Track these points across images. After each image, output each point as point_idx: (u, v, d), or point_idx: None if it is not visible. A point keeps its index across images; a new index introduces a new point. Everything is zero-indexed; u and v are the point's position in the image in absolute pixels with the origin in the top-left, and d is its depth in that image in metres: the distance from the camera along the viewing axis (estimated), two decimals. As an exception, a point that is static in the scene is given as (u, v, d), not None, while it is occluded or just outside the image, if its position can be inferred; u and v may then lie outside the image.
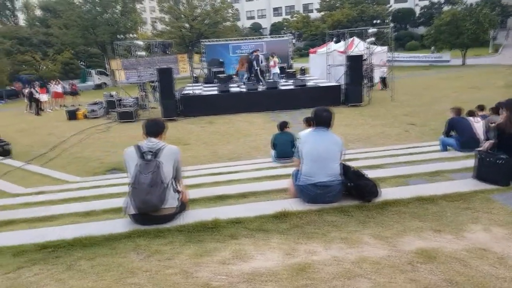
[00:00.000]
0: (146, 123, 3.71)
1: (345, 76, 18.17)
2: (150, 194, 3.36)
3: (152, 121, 3.74)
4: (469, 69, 32.52)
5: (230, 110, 17.12)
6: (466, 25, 32.98)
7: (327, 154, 3.71)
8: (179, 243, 3.20)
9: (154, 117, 3.82)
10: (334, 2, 51.48)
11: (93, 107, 18.90)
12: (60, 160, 12.06)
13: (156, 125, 3.71)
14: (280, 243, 3.13)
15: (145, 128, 3.70)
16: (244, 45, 23.17)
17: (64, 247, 3.19)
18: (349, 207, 3.70)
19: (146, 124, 3.72)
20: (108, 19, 34.58)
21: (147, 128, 3.69)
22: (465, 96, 19.17)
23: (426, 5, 53.69)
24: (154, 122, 3.73)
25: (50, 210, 4.93)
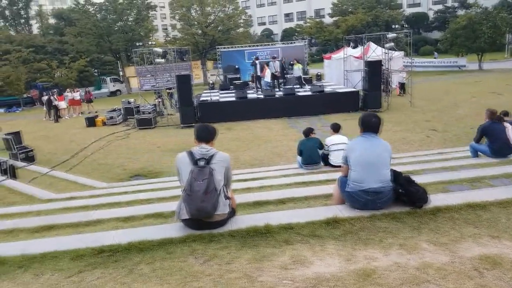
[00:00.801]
0: (197, 129, 3.72)
1: (363, 81, 18.12)
2: (205, 201, 3.36)
3: (203, 127, 3.73)
4: (486, 74, 32.17)
5: (247, 116, 17.18)
6: (482, 29, 32.65)
7: (378, 160, 3.69)
8: (235, 248, 3.20)
9: (204, 123, 3.80)
10: (346, 7, 51.46)
11: (112, 114, 19.12)
12: (83, 166, 12.21)
13: (208, 131, 3.69)
14: (337, 249, 3.11)
15: (197, 134, 3.69)
16: (259, 51, 23.28)
17: (121, 251, 3.22)
18: (400, 213, 3.67)
19: (197, 130, 3.72)
20: (122, 26, 35.06)
21: (198, 134, 3.68)
22: (485, 102, 18.93)
23: (440, 9, 53.40)
24: (206, 128, 3.72)
25: (91, 215, 4.99)
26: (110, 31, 34.31)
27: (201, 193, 3.36)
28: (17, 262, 3.13)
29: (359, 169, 3.70)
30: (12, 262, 3.14)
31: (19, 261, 3.15)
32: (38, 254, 3.22)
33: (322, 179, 6.74)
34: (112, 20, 34.51)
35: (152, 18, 39.54)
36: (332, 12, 53.84)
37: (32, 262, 3.14)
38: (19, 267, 3.08)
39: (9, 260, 3.17)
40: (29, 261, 3.15)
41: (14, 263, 3.13)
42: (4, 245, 3.52)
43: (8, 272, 3.01)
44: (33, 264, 3.11)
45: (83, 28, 34.09)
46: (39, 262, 3.13)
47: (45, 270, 3.01)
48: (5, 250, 3.34)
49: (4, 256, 3.20)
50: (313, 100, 17.71)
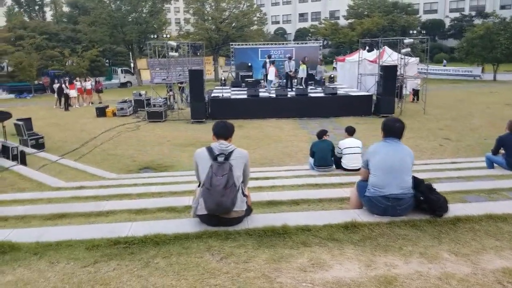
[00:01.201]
0: (216, 126, 3.69)
1: (378, 86, 17.96)
2: (224, 196, 3.34)
3: (221, 123, 3.71)
4: (501, 84, 31.79)
5: (258, 115, 17.12)
6: (500, 39, 32.25)
7: (400, 166, 3.62)
8: (252, 247, 3.15)
9: (222, 120, 3.76)
10: (362, 10, 51.09)
11: (122, 105, 19.17)
12: (92, 156, 12.26)
13: (226, 128, 3.68)
14: (356, 254, 3.05)
15: (215, 130, 3.67)
16: (273, 49, 23.19)
17: (137, 244, 3.18)
18: (420, 221, 3.59)
19: (216, 127, 3.69)
20: (137, 18, 35.10)
21: (217, 130, 3.66)
22: (501, 113, 18.71)
23: (457, 17, 52.85)
24: (224, 125, 3.69)
25: (103, 206, 4.97)
26: (124, 22, 34.34)
27: (220, 188, 3.33)
28: (32, 249, 3.11)
29: (380, 174, 3.63)
30: (27, 248, 3.12)
31: (34, 248, 3.13)
32: (53, 242, 3.20)
33: (335, 182, 6.68)
34: (126, 11, 34.54)
35: (166, 11, 39.47)
36: (347, 15, 53.55)
37: (47, 250, 3.11)
38: (34, 253, 3.06)
39: (24, 246, 3.14)
40: (44, 249, 3.12)
41: (29, 249, 3.11)
42: (19, 231, 3.51)
43: (23, 259, 2.99)
44: (48, 252, 3.08)
45: (97, 18, 34.16)
46: (54, 250, 3.11)
47: (61, 258, 2.99)
48: (20, 236, 3.32)
49: (19, 243, 3.18)
50: (325, 102, 17.61)
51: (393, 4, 51.65)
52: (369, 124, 16.03)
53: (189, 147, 13.08)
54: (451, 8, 56.65)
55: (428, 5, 58.42)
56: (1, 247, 3.10)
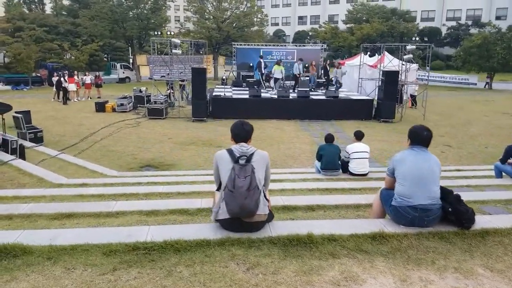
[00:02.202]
0: (235, 130, 3.54)
1: (379, 90, 17.91)
2: (248, 198, 3.21)
3: (240, 127, 3.55)
4: (496, 93, 32.02)
5: (259, 115, 16.93)
6: (496, 49, 32.49)
7: (429, 175, 3.49)
8: (278, 257, 3.00)
9: (240, 120, 3.61)
10: (361, 15, 51.24)
11: (122, 101, 18.91)
12: (92, 152, 12.02)
13: (246, 131, 3.55)
14: (388, 267, 2.92)
15: (235, 134, 3.54)
16: (275, 51, 23.07)
17: (157, 250, 3.02)
18: (448, 233, 3.47)
19: (235, 130, 3.55)
20: (138, 14, 34.79)
21: (237, 134, 3.53)
22: (499, 122, 18.79)
23: (453, 25, 53.17)
24: (243, 129, 3.54)
25: (112, 206, 4.79)
26: (125, 17, 34.01)
27: (244, 190, 3.21)
28: (46, 253, 2.92)
29: (408, 183, 3.50)
30: (40, 252, 2.93)
31: (47, 251, 2.95)
32: (67, 246, 3.02)
33: (346, 187, 6.55)
34: (128, 6, 34.22)
35: (166, 8, 39.16)
36: (346, 19, 53.65)
37: (61, 254, 2.93)
38: (48, 258, 2.88)
39: (36, 250, 2.96)
40: (58, 253, 2.94)
41: (42, 253, 2.93)
42: (30, 233, 3.31)
43: (36, 264, 2.81)
44: (62, 257, 2.90)
45: (98, 12, 33.80)
46: (69, 255, 2.93)
47: (77, 264, 2.81)
48: (31, 238, 3.13)
49: (31, 246, 2.99)
50: (326, 105, 17.51)
51: (392, 11, 51.85)
52: (370, 129, 15.96)
53: (191, 146, 12.91)
54: (448, 16, 56.97)
55: (425, 13, 58.70)
56: (12, 250, 2.91)
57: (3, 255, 2.87)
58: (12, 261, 2.83)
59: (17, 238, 3.13)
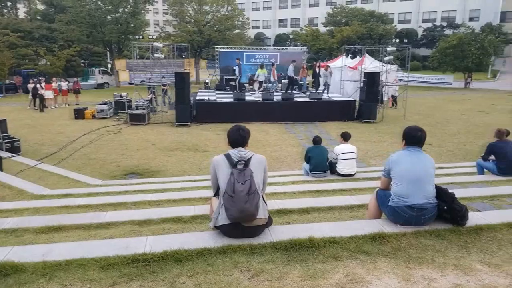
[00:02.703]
0: (232, 135, 3.53)
1: (361, 92, 18.15)
2: (248, 202, 3.19)
3: (237, 133, 3.53)
4: (472, 92, 32.91)
5: (244, 118, 16.87)
6: (471, 49, 33.43)
7: (424, 175, 3.54)
8: (281, 262, 2.97)
9: (237, 125, 3.58)
10: (340, 18, 51.92)
11: (102, 107, 18.55)
12: (73, 160, 11.73)
13: (243, 137, 3.55)
14: (391, 267, 2.93)
15: (232, 140, 3.52)
16: (258, 54, 23.10)
17: (157, 261, 2.94)
18: (444, 231, 3.52)
19: (232, 136, 3.53)
20: (117, 18, 34.21)
21: (234, 140, 3.52)
22: (475, 119, 19.30)
23: (429, 27, 54.44)
24: (239, 135, 3.53)
25: (102, 217, 4.66)
26: (103, 21, 33.38)
27: (244, 194, 3.19)
28: (39, 270, 2.80)
29: (404, 184, 3.53)
30: (33, 269, 2.81)
31: (41, 268, 2.82)
32: (62, 261, 2.90)
33: (336, 188, 6.58)
34: (107, 10, 33.60)
35: (145, 12, 38.64)
36: (326, 22, 54.26)
37: (56, 270, 2.81)
38: (42, 275, 2.75)
39: (29, 267, 2.83)
40: (52, 269, 2.82)
41: (35, 270, 2.80)
42: (20, 249, 3.16)
43: (30, 282, 2.67)
44: (57, 273, 2.79)
45: (75, 16, 33.07)
46: (65, 271, 2.82)
47: (74, 280, 2.70)
48: (23, 254, 2.99)
49: (23, 263, 2.86)
50: (310, 107, 17.63)
51: (370, 13, 52.74)
52: (353, 129, 16.12)
53: (175, 152, 12.76)
54: (424, 18, 58.31)
55: (402, 15, 59.95)
56: (2, 268, 2.76)
57: (-7, 273, 2.74)
58: (3, 280, 2.70)
59: (7, 255, 2.99)
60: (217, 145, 13.57)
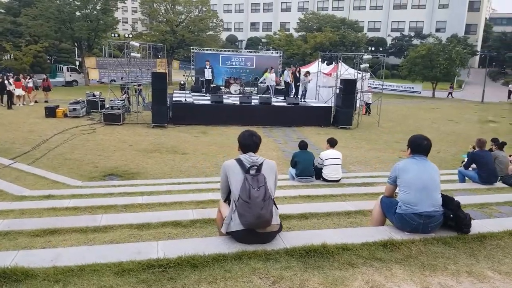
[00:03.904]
0: (244, 140, 3.48)
1: (337, 98, 18.47)
2: (264, 208, 3.15)
3: (250, 136, 3.49)
4: (439, 101, 34.26)
5: (221, 121, 16.87)
6: (439, 59, 34.83)
7: (431, 183, 3.62)
8: (299, 269, 2.95)
9: (248, 130, 3.55)
10: (312, 24, 52.78)
11: (75, 106, 17.92)
12: (47, 160, 11.26)
13: (255, 143, 3.49)
14: (408, 274, 2.97)
15: (244, 144, 3.48)
16: (234, 57, 23.07)
17: (173, 267, 2.84)
18: (450, 238, 3.60)
19: (244, 141, 3.48)
20: (88, 14, 33.11)
21: (246, 144, 3.47)
22: (446, 128, 20.10)
23: (398, 36, 56.29)
24: (252, 140, 3.48)
25: (98, 220, 4.48)
26: (73, 17, 32.23)
27: (260, 200, 3.14)
28: (51, 276, 2.64)
29: (413, 192, 3.59)
30: (44, 275, 2.65)
31: (52, 274, 2.66)
32: (74, 267, 2.75)
33: (326, 194, 6.64)
34: (76, 6, 32.46)
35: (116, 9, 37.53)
36: (298, 27, 55.00)
37: (69, 276, 2.67)
38: (55, 281, 2.60)
39: (40, 272, 2.67)
40: (65, 275, 2.67)
41: (47, 276, 2.64)
42: (27, 253, 2.98)
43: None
44: (71, 279, 2.64)
45: (44, 11, 31.75)
46: (78, 277, 2.67)
47: (89, 287, 2.58)
48: (31, 260, 2.81)
49: (33, 268, 2.69)
50: (287, 112, 17.77)
51: (341, 21, 53.95)
52: (330, 135, 16.15)
53: (154, 153, 12.50)
54: (393, 28, 60.24)
55: (372, 24, 61.69)
56: (13, 274, 2.60)
57: (3, 280, 2.56)
58: (14, 286, 2.54)
59: (14, 260, 2.81)
60: (196, 147, 13.42)
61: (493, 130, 19.74)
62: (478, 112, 27.45)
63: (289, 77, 19.08)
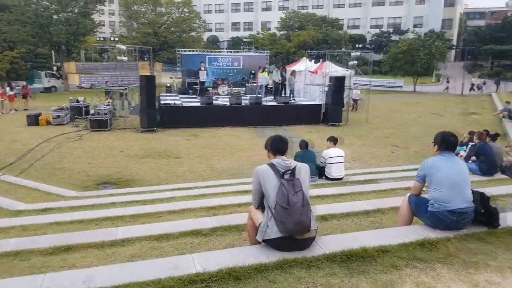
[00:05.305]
0: (275, 142, 3.45)
1: (326, 96, 18.51)
2: (303, 214, 3.05)
3: (279, 139, 3.48)
4: (421, 95, 34.82)
5: (212, 123, 16.66)
6: (420, 55, 35.40)
7: (462, 180, 3.58)
8: (344, 275, 2.85)
9: (276, 135, 3.46)
10: (293, 22, 52.95)
11: (59, 113, 17.37)
12: (35, 171, 10.84)
13: (285, 143, 3.48)
14: (454, 273, 2.90)
15: (275, 146, 3.43)
16: (221, 57, 22.87)
17: (216, 281, 2.70)
18: (482, 233, 3.57)
19: (275, 143, 3.45)
20: (67, 18, 32.18)
21: (277, 146, 3.43)
22: (432, 121, 20.37)
23: (377, 33, 57.03)
24: (282, 140, 3.48)
25: (114, 233, 4.27)
26: (51, 21, 31.25)
27: (299, 205, 3.05)
28: (89, 298, 2.48)
29: (445, 189, 3.54)
30: (81, 297, 2.48)
31: (90, 296, 2.50)
32: (110, 287, 2.58)
33: (335, 193, 6.56)
34: (54, 10, 31.50)
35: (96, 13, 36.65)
36: (279, 26, 55.08)
37: (107, 297, 2.50)
38: (94, 303, 2.44)
39: (76, 295, 2.50)
40: (102, 296, 2.51)
41: (84, 298, 2.47)
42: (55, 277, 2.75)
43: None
44: (110, 300, 2.48)
45: (20, 16, 30.69)
46: (118, 297, 2.51)
47: (132, 308, 2.41)
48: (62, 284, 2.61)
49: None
50: (278, 111, 17.70)
51: (322, 19, 54.32)
52: (321, 133, 16.44)
53: (147, 159, 12.20)
54: (372, 24, 61.01)
55: (352, 21, 62.34)
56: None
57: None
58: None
59: (42, 284, 2.61)
60: (189, 151, 13.18)
61: (476, 122, 20.12)
62: (460, 104, 28.01)
63: (278, 77, 19.00)
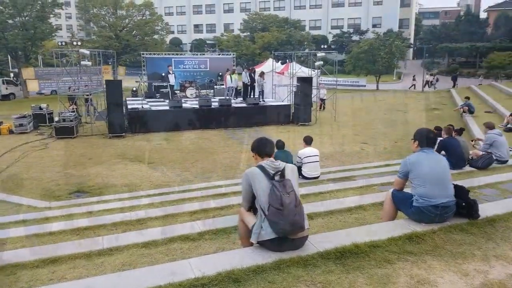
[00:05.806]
0: (261, 144, 3.44)
1: (295, 96, 18.75)
2: (297, 214, 3.09)
3: (265, 141, 3.48)
4: (383, 93, 35.93)
5: (182, 126, 16.48)
6: (381, 54, 36.59)
7: (444, 175, 3.74)
8: (340, 272, 2.91)
9: (262, 137, 3.51)
10: (256, 24, 53.30)
11: (22, 121, 16.61)
12: (2, 182, 10.41)
13: (272, 145, 3.50)
14: (444, 264, 3.03)
15: (261, 149, 3.42)
16: (187, 60, 22.66)
17: (216, 284, 2.69)
18: (464, 225, 3.74)
19: (261, 145, 3.44)
20: (24, 22, 30.74)
21: (263, 149, 3.42)
22: (397, 118, 21.07)
23: (338, 33, 58.40)
24: (267, 142, 3.48)
25: (99, 243, 4.16)
26: (6, 26, 29.75)
27: (292, 206, 3.08)
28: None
29: (428, 185, 3.68)
30: (80, 311, 2.40)
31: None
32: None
33: (315, 192, 6.68)
34: (9, 14, 30.02)
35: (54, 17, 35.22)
36: (242, 28, 55.24)
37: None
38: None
39: (74, 309, 2.42)
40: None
41: (83, 312, 2.40)
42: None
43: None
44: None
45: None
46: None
47: (135, 318, 2.37)
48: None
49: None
50: (248, 112, 17.74)
51: (284, 20, 55.01)
52: (291, 132, 16.67)
53: (118, 165, 11.89)
54: (332, 25, 62.45)
55: (313, 22, 63.54)
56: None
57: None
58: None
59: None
60: (161, 155, 12.97)
61: (438, 117, 20.99)
62: (421, 101, 29.13)
63: (247, 78, 19.07)
